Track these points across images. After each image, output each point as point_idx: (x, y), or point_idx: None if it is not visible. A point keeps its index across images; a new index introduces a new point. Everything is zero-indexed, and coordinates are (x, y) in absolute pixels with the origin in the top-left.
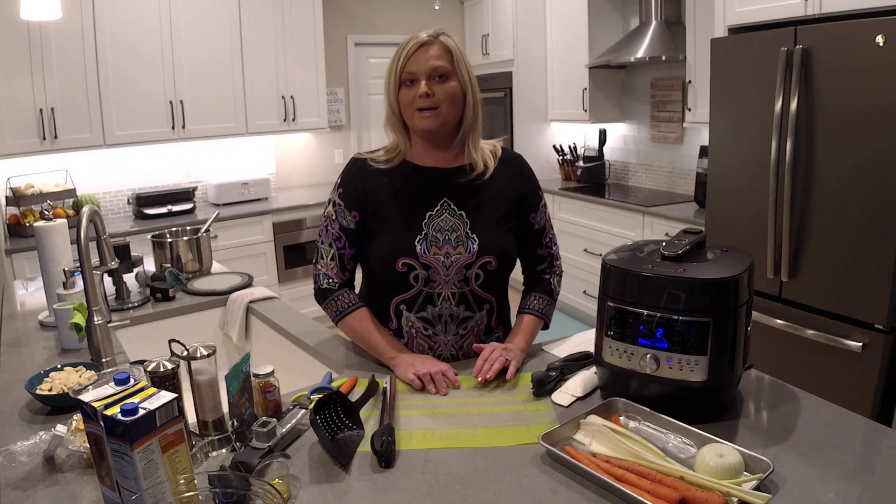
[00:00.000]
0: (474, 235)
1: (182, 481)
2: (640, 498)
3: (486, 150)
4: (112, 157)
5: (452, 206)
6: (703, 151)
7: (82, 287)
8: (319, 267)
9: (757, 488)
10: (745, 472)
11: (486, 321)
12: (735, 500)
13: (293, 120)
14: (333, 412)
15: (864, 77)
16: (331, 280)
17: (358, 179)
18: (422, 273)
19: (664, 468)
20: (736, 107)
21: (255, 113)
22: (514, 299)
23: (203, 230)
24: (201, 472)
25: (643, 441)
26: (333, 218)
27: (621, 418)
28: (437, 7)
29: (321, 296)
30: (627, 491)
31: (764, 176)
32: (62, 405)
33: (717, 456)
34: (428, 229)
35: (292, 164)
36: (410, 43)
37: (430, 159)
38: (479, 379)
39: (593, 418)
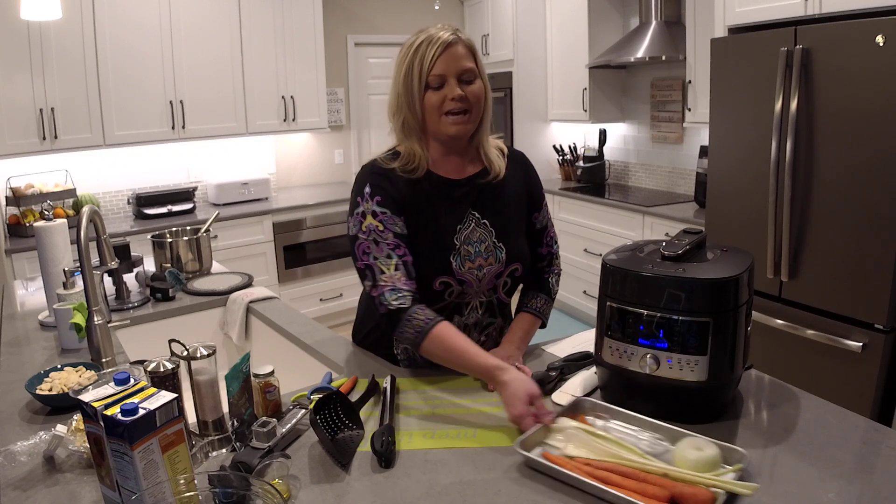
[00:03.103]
0: (501, 244)
1: (182, 481)
2: (634, 500)
3: (494, 151)
4: (112, 157)
5: (477, 216)
6: (703, 151)
7: (82, 287)
8: (383, 284)
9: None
10: (724, 465)
11: (502, 324)
12: (721, 492)
13: (293, 120)
14: (333, 412)
15: (864, 77)
16: (402, 295)
17: (390, 187)
18: (457, 289)
19: (646, 466)
20: (736, 107)
21: (255, 113)
22: (515, 297)
23: (203, 230)
24: (201, 472)
25: (619, 440)
26: (381, 229)
27: (588, 418)
28: (437, 7)
29: (393, 319)
30: (620, 494)
31: (764, 176)
32: (62, 405)
33: (696, 450)
34: (460, 243)
35: (292, 164)
36: (435, 43)
37: (446, 167)
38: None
39: (564, 420)
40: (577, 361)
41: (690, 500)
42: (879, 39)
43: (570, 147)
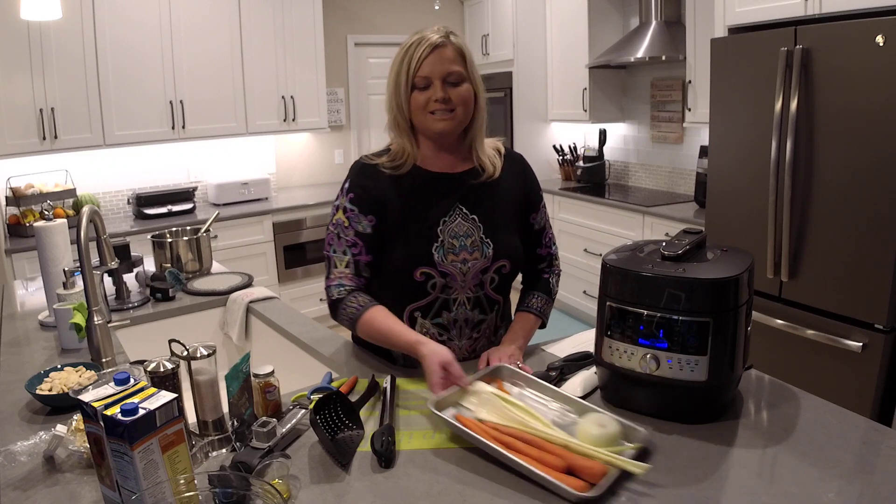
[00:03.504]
0: (488, 240)
1: (182, 481)
2: (531, 468)
3: (490, 151)
4: (112, 157)
5: (465, 210)
6: (703, 151)
7: (82, 287)
8: (332, 277)
9: (639, 457)
10: (624, 441)
11: (495, 322)
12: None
13: (293, 120)
14: (333, 412)
15: (864, 77)
16: (344, 288)
17: (369, 183)
18: (440, 281)
19: (549, 436)
20: (736, 107)
21: (255, 113)
22: (514, 297)
23: (203, 230)
24: (201, 472)
25: (529, 409)
26: (346, 225)
27: (505, 384)
28: (437, 7)
29: (333, 308)
30: (519, 460)
31: (764, 176)
32: (62, 405)
33: (598, 426)
34: (443, 236)
35: (292, 164)
36: (423, 45)
37: (438, 163)
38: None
39: (480, 385)
40: (577, 361)
41: (585, 472)
42: (879, 39)
43: (570, 147)
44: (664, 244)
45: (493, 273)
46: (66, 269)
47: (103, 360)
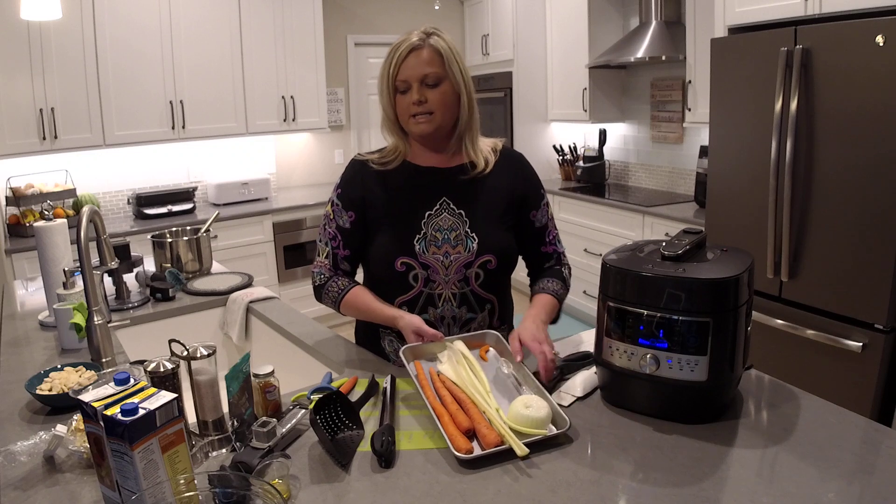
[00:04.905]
0: (473, 234)
1: (182, 481)
2: (437, 421)
3: (485, 148)
4: (112, 157)
5: (451, 205)
6: (703, 151)
7: (82, 287)
8: (316, 264)
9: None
10: (553, 428)
11: (489, 322)
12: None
13: (293, 120)
14: (333, 412)
15: (864, 77)
16: (323, 276)
17: (357, 180)
18: (421, 273)
19: (475, 399)
20: (736, 107)
21: (255, 113)
22: (517, 299)
23: (203, 230)
24: (201, 472)
25: (480, 374)
26: (331, 217)
27: (491, 350)
28: (437, 7)
29: (317, 292)
30: (433, 411)
31: (764, 176)
32: (62, 405)
33: (524, 406)
34: (427, 228)
35: (292, 164)
36: (402, 47)
37: (428, 159)
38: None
39: (458, 344)
40: (577, 361)
41: (481, 438)
42: (879, 39)
43: (570, 147)
44: (664, 244)
45: (478, 268)
46: (66, 269)
47: (103, 360)
